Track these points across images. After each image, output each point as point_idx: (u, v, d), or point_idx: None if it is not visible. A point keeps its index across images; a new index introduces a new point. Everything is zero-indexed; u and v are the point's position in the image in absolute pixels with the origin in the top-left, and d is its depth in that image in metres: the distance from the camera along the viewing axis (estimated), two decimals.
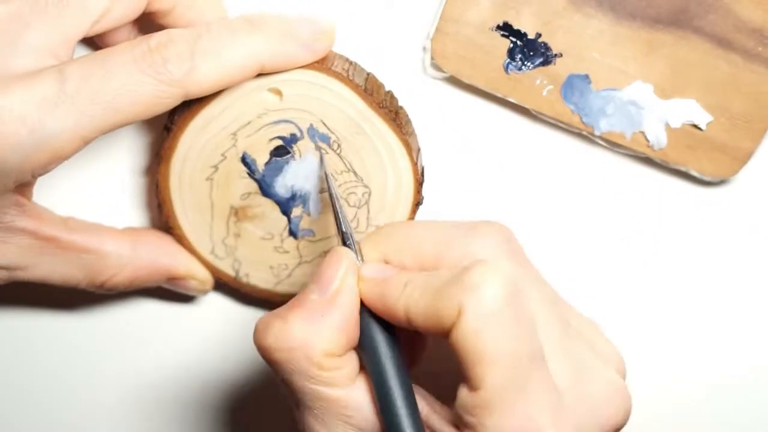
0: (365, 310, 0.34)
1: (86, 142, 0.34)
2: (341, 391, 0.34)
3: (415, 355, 0.38)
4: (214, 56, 0.35)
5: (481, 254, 0.34)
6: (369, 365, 0.34)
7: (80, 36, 0.36)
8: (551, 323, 0.34)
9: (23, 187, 0.37)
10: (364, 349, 0.34)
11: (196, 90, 0.35)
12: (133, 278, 0.40)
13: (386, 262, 0.35)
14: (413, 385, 0.34)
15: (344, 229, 0.36)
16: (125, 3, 0.36)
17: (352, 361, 0.34)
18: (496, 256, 0.34)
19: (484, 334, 0.31)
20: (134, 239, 0.41)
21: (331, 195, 0.38)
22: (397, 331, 0.35)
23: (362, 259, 0.35)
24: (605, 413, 0.34)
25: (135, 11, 0.37)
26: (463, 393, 0.32)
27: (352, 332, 0.34)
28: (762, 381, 0.49)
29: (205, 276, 0.42)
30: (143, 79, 0.34)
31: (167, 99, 0.35)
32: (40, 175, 0.35)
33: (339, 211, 0.37)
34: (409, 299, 0.33)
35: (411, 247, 0.35)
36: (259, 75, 0.37)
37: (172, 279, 0.42)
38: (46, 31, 0.35)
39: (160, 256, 0.41)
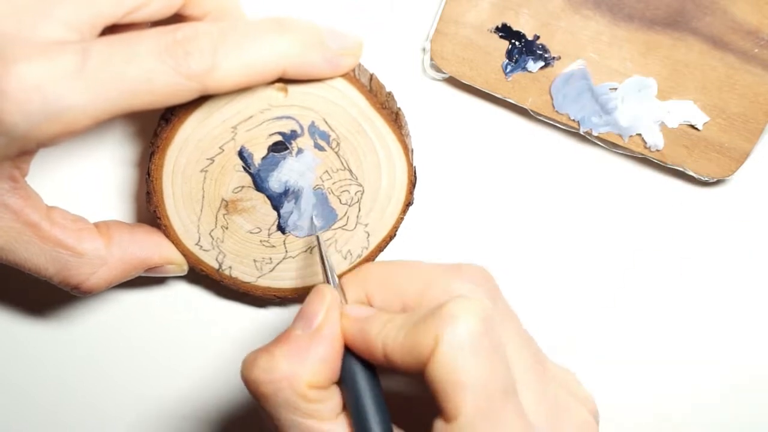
0: (347, 348, 0.35)
1: (97, 123, 0.34)
2: (325, 425, 0.34)
3: None
4: (237, 56, 0.35)
5: (461, 293, 0.34)
6: (349, 401, 0.35)
7: (111, 21, 0.36)
8: (525, 360, 0.34)
9: (22, 158, 0.37)
10: (345, 385, 0.35)
11: (214, 87, 0.35)
12: (110, 279, 0.40)
13: (368, 301, 0.36)
14: (392, 424, 0.35)
15: (328, 273, 0.38)
16: (162, 1, 0.36)
17: (335, 396, 0.35)
18: (475, 293, 0.34)
19: (460, 363, 0.31)
20: (108, 236, 0.40)
21: (318, 241, 0.40)
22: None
23: (345, 299, 0.36)
24: None
25: (168, 11, 0.37)
26: (439, 425, 0.32)
27: (336, 365, 0.35)
28: (762, 381, 0.49)
29: (181, 258, 0.42)
30: (164, 69, 0.34)
31: (184, 92, 0.34)
32: (44, 146, 0.34)
33: (324, 255, 0.39)
34: (387, 336, 0.33)
35: (393, 287, 0.36)
36: None
37: (147, 268, 0.42)
38: (78, 8, 0.34)
39: (135, 251, 0.41)
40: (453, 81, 0.44)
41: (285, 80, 0.37)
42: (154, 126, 0.40)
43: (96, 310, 0.48)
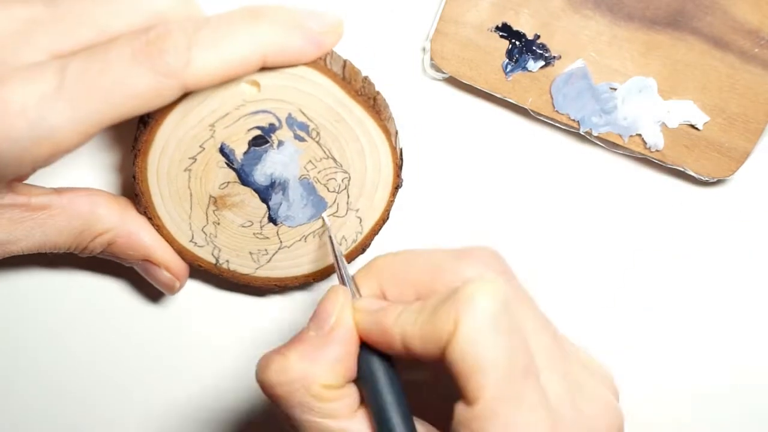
0: (364, 343, 0.35)
1: (87, 137, 0.34)
2: (342, 423, 0.34)
3: None
4: (213, 48, 0.34)
5: (474, 275, 0.34)
6: (368, 397, 0.35)
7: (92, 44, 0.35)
8: (544, 340, 0.34)
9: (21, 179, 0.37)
10: (363, 381, 0.35)
11: (195, 82, 0.34)
12: (112, 242, 0.41)
13: (383, 294, 0.36)
14: (414, 417, 0.35)
15: (342, 270, 0.38)
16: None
17: (351, 393, 0.35)
18: (489, 275, 0.34)
19: (480, 344, 0.31)
20: (124, 209, 0.41)
21: (331, 242, 0.40)
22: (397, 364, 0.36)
23: (359, 295, 0.36)
24: (598, 429, 0.35)
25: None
26: (460, 409, 0.32)
27: (351, 365, 0.35)
28: (762, 381, 0.49)
29: (178, 270, 0.42)
30: (140, 71, 0.33)
31: (166, 92, 0.34)
32: (41, 167, 0.34)
33: (337, 252, 0.39)
34: (405, 324, 0.33)
35: (405, 276, 0.35)
36: None
37: (146, 261, 0.42)
38: (60, 37, 0.34)
39: (143, 235, 0.41)
40: (453, 81, 0.44)
41: (263, 69, 0.37)
42: (133, 130, 0.41)
43: (96, 310, 0.48)
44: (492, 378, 0.31)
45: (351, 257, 0.43)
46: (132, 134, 0.41)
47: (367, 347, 0.35)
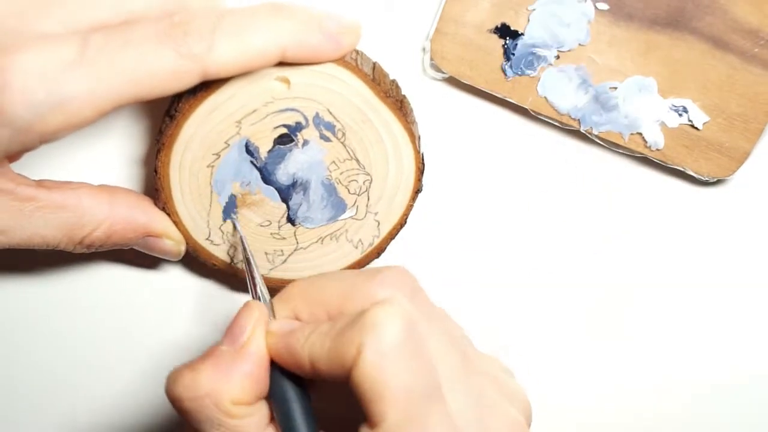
0: (275, 363, 0.35)
1: (100, 113, 0.34)
2: None
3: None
4: (235, 36, 0.35)
5: (382, 297, 0.34)
6: (278, 415, 0.35)
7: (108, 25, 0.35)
8: (451, 360, 0.34)
9: (21, 154, 0.37)
10: (273, 400, 0.35)
11: (215, 69, 0.35)
12: (111, 233, 0.40)
13: (297, 317, 0.36)
14: None
15: (258, 289, 0.37)
16: (159, 10, 0.36)
17: (261, 410, 0.35)
18: (396, 297, 0.34)
19: (383, 370, 0.31)
20: (111, 195, 0.40)
21: (245, 256, 0.39)
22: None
23: (274, 317, 0.36)
24: None
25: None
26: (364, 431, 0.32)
27: (262, 381, 0.35)
28: (762, 381, 0.49)
29: (180, 236, 0.42)
30: (163, 51, 0.33)
31: (185, 75, 0.34)
32: (46, 141, 0.34)
33: (254, 271, 0.38)
34: (312, 345, 0.33)
35: (318, 300, 0.35)
36: (276, 63, 0.37)
37: (148, 236, 0.41)
38: (78, 10, 0.34)
39: (137, 214, 0.41)
40: (453, 81, 0.44)
41: (286, 64, 0.37)
42: (159, 123, 0.40)
43: (103, 312, 0.48)
44: (394, 403, 0.31)
45: (366, 261, 0.43)
46: (156, 128, 0.41)
47: (278, 368, 0.35)
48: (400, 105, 0.40)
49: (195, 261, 0.43)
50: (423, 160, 0.41)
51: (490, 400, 0.35)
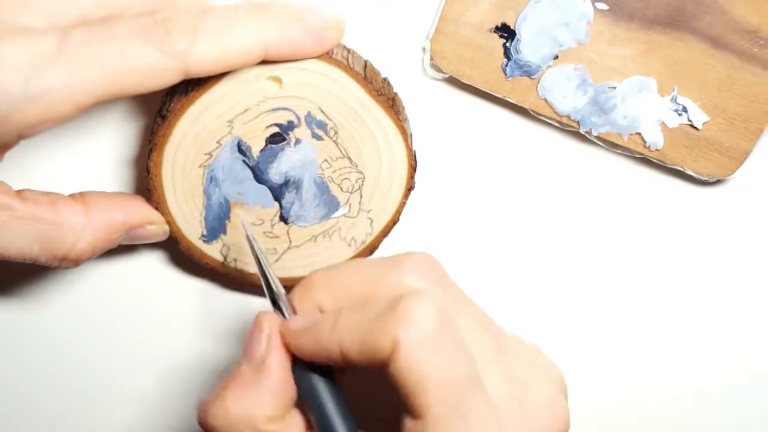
0: (300, 362, 0.35)
1: (79, 108, 0.33)
2: None
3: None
4: (217, 34, 0.35)
5: (409, 284, 0.34)
6: (313, 417, 0.34)
7: (90, 21, 0.35)
8: (484, 344, 0.34)
9: None
10: (305, 402, 0.35)
11: (197, 66, 0.35)
12: (94, 242, 0.39)
13: (320, 310, 0.35)
14: (359, 429, 0.35)
15: (274, 289, 0.36)
16: (142, 7, 0.36)
17: (296, 419, 0.35)
18: (424, 284, 0.34)
19: (422, 363, 0.31)
20: (85, 203, 0.39)
21: (255, 255, 0.38)
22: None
23: (294, 312, 0.35)
24: (545, 429, 0.34)
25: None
26: (408, 423, 0.32)
27: (288, 392, 0.34)
28: (762, 381, 0.49)
29: (159, 216, 0.41)
30: (144, 47, 0.33)
31: (166, 72, 0.34)
32: (25, 136, 0.34)
33: (267, 272, 0.37)
34: (342, 335, 0.33)
35: (342, 289, 0.35)
36: (262, 62, 0.37)
37: (130, 230, 0.40)
38: (59, 3, 0.34)
39: (114, 214, 0.40)
40: (453, 81, 0.44)
41: (278, 63, 0.37)
42: (150, 124, 0.40)
43: (95, 311, 0.48)
44: (436, 393, 0.31)
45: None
46: (148, 128, 0.41)
47: (303, 365, 0.34)
48: (392, 103, 0.40)
49: (188, 260, 0.43)
50: (415, 157, 0.41)
51: (526, 381, 0.35)
